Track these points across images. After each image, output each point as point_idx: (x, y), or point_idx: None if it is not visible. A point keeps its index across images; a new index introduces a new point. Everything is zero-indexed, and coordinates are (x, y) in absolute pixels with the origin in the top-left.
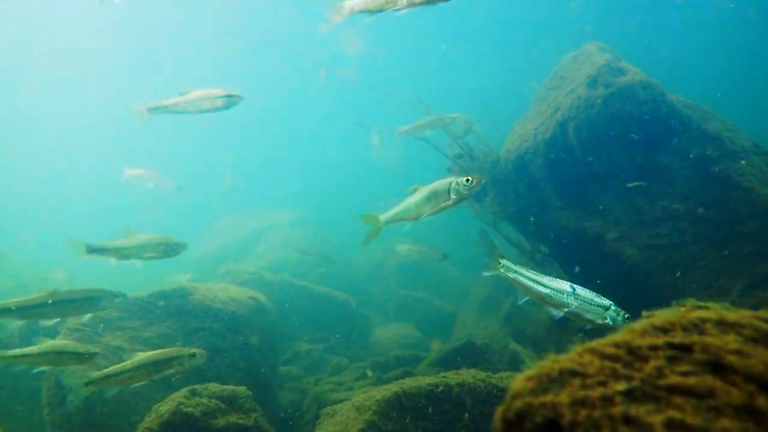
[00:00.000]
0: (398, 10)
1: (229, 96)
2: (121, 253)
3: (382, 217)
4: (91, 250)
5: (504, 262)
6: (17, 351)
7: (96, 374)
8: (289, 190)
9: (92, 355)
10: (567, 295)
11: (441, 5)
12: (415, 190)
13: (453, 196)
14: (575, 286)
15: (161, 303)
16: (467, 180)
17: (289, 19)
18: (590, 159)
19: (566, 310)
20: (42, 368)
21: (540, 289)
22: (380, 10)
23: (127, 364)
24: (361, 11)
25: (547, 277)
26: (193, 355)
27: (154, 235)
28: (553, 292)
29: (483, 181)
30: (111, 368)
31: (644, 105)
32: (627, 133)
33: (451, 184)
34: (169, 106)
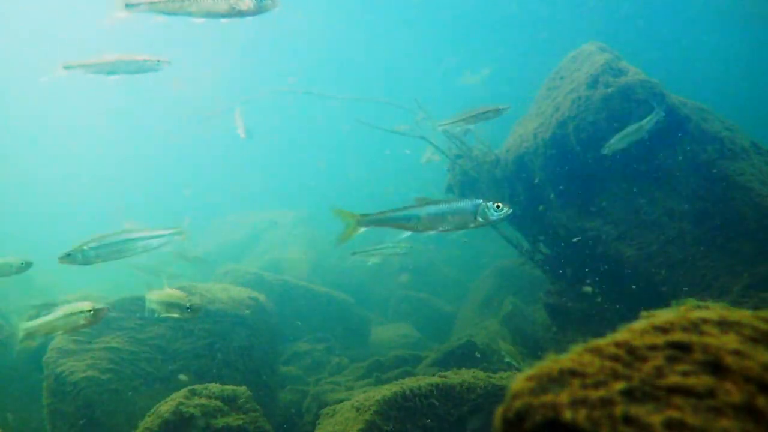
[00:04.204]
0: (192, 16)
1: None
2: None
3: (366, 218)
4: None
5: None
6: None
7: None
8: (289, 190)
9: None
10: None
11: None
12: (420, 200)
13: (480, 219)
14: None
15: None
16: (498, 206)
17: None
18: (590, 159)
19: None
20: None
21: None
22: (172, 13)
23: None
24: (148, 11)
25: None
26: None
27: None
28: None
29: (511, 211)
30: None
31: (644, 105)
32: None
33: (479, 206)
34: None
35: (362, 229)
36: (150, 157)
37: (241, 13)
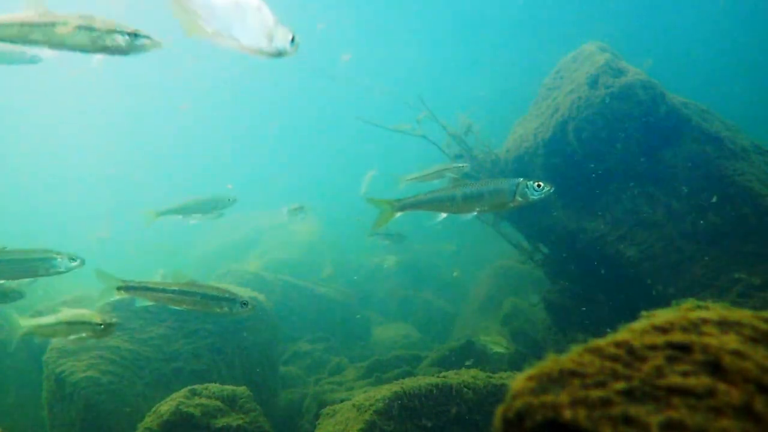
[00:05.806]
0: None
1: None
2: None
3: (401, 202)
4: None
5: None
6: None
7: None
8: (289, 190)
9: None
10: None
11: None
12: (456, 181)
13: (519, 199)
14: None
15: None
16: (538, 185)
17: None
18: (590, 159)
19: None
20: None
21: None
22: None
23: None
24: None
25: None
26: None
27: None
28: None
29: (552, 190)
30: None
31: (644, 105)
32: (627, 133)
33: (519, 185)
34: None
35: (398, 214)
36: (152, 159)
37: (108, 50)
